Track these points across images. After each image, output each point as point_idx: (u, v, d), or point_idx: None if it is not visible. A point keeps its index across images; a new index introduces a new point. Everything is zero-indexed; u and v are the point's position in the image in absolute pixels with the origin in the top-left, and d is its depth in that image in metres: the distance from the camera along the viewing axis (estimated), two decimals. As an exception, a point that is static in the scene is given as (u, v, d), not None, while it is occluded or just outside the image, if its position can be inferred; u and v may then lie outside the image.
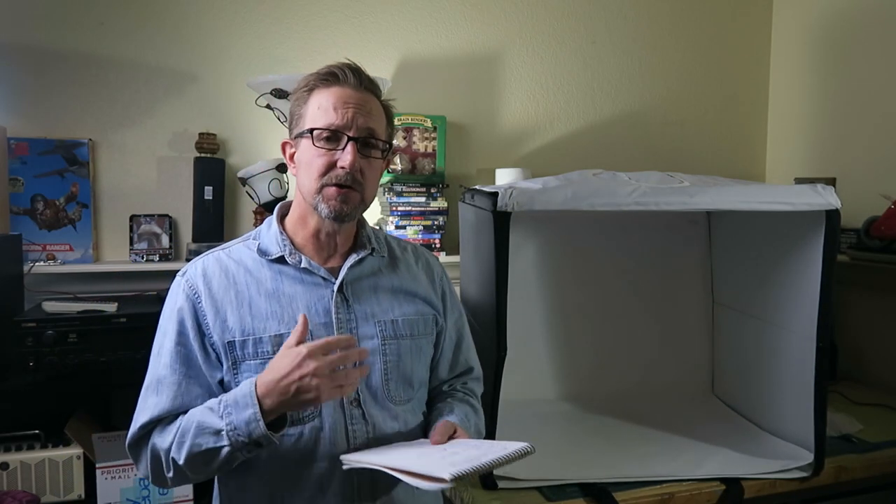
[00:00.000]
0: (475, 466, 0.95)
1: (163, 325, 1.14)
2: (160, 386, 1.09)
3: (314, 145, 1.10)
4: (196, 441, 1.02)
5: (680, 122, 2.60)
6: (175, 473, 1.06)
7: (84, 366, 1.59)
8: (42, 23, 1.90)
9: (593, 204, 1.38)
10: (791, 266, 1.55)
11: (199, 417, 1.03)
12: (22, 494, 1.49)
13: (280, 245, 1.14)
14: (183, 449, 1.02)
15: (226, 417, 1.00)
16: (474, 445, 1.07)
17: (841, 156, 2.38)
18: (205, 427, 1.02)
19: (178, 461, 1.03)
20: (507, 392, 1.41)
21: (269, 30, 2.10)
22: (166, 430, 1.06)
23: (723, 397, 1.96)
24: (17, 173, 1.85)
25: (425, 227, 2.18)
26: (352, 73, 1.12)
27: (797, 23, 2.58)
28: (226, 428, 1.00)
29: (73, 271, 1.88)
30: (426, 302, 1.22)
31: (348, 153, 1.08)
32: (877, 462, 1.61)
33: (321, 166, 1.09)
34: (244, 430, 0.99)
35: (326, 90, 1.11)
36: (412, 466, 0.95)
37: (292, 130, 1.16)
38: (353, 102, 1.10)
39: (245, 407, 0.99)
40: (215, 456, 1.01)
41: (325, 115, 1.09)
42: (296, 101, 1.14)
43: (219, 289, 1.12)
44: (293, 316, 1.10)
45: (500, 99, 2.38)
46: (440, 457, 1.01)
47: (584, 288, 2.00)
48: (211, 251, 1.18)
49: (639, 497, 1.41)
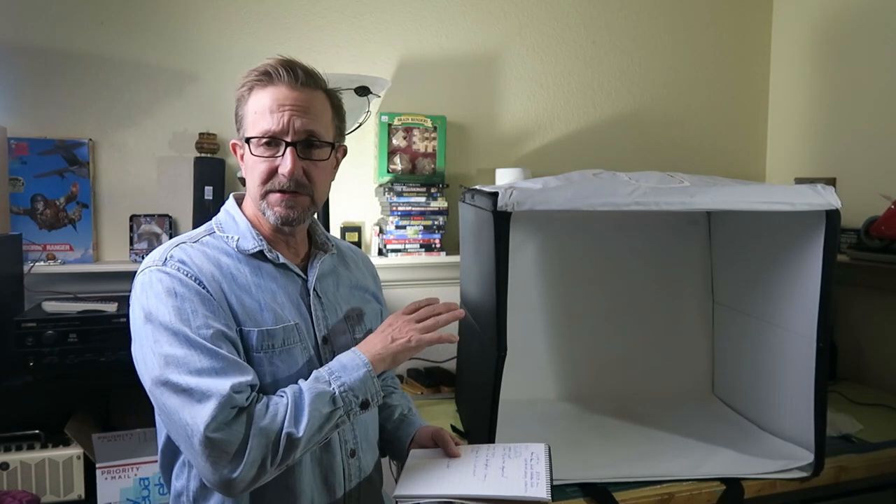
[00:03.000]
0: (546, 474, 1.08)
1: (168, 321, 0.99)
2: (212, 371, 0.96)
3: (252, 154, 1.08)
4: (314, 407, 0.99)
5: (680, 122, 2.60)
6: (283, 457, 0.97)
7: (84, 366, 1.58)
8: (42, 23, 1.90)
9: (593, 204, 1.38)
10: (791, 266, 1.55)
11: (308, 386, 1.01)
12: (22, 494, 1.49)
13: (256, 240, 1.12)
14: (301, 420, 0.98)
15: (335, 382, 1.02)
16: (489, 450, 1.18)
17: (841, 156, 2.38)
18: (319, 393, 1.00)
19: (295, 436, 0.97)
20: (507, 392, 1.41)
21: (269, 30, 2.09)
22: (268, 410, 0.98)
23: (723, 397, 1.96)
24: (17, 173, 1.85)
25: (425, 227, 2.18)
26: (286, 70, 1.07)
27: (797, 23, 2.58)
28: (338, 391, 1.01)
29: (73, 271, 1.87)
30: (374, 298, 1.30)
31: (287, 160, 1.06)
32: (877, 462, 1.61)
33: (263, 173, 1.08)
34: (360, 389, 1.03)
35: (262, 91, 1.08)
36: (495, 491, 1.05)
37: (238, 131, 1.14)
38: (289, 104, 1.07)
39: (356, 368, 1.04)
40: (328, 423, 1.01)
41: (262, 120, 1.07)
42: (238, 101, 1.12)
43: (212, 276, 1.06)
44: (281, 312, 1.10)
45: (500, 99, 2.38)
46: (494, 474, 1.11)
47: (584, 288, 2.00)
48: (174, 243, 1.10)
49: (639, 497, 1.41)
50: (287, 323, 1.09)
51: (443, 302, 1.15)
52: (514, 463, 1.12)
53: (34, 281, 1.82)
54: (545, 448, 1.17)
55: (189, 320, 0.99)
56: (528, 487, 1.04)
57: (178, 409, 0.95)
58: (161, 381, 0.97)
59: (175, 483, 1.12)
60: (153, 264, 1.06)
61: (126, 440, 1.56)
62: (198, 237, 1.13)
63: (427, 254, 2.18)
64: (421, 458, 1.18)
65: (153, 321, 1.00)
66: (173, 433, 1.01)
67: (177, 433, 0.98)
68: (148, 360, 0.99)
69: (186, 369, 0.96)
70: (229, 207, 1.17)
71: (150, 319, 1.01)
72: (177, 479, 1.12)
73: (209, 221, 1.18)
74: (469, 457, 1.17)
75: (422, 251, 2.17)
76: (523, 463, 1.12)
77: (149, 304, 1.02)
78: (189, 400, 0.95)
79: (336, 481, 1.13)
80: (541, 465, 1.10)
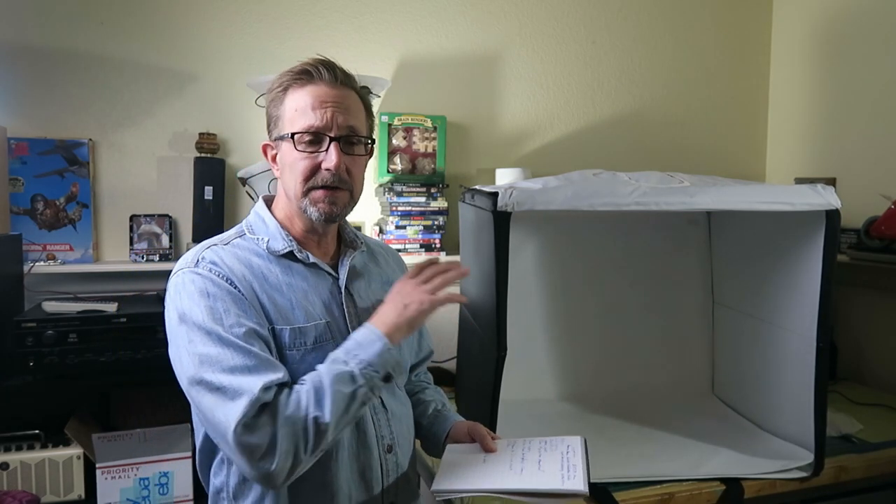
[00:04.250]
0: (583, 466, 1.08)
1: (202, 321, 1.00)
2: (245, 369, 0.97)
3: (296, 149, 1.08)
4: (336, 388, 0.98)
5: (680, 122, 2.60)
6: (315, 443, 0.97)
7: (84, 366, 1.59)
8: (42, 23, 1.90)
9: (593, 204, 1.38)
10: (791, 266, 1.55)
11: (326, 369, 1.01)
12: (22, 494, 1.49)
13: (286, 241, 1.13)
14: (325, 403, 0.97)
15: (353, 360, 1.01)
16: (524, 444, 1.18)
17: (841, 156, 2.38)
18: (338, 374, 0.99)
19: (322, 420, 0.97)
20: (507, 392, 1.41)
21: (269, 30, 2.10)
22: (290, 399, 0.98)
23: (723, 397, 1.96)
24: (17, 173, 1.85)
25: (425, 227, 2.18)
26: (326, 69, 1.09)
27: (797, 23, 2.58)
28: (356, 369, 1.00)
29: (73, 271, 1.87)
30: None
31: (332, 155, 1.07)
32: (877, 462, 1.61)
33: (305, 169, 1.08)
34: (378, 362, 1.01)
35: (301, 89, 1.09)
36: (533, 485, 1.05)
37: (271, 132, 1.14)
38: (331, 101, 1.08)
39: (371, 343, 1.02)
40: (352, 402, 0.99)
41: (304, 117, 1.08)
42: (272, 102, 1.12)
43: (243, 276, 1.07)
44: (313, 310, 1.11)
45: (500, 99, 2.38)
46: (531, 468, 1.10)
47: (584, 288, 2.00)
48: (206, 245, 1.12)
49: (639, 497, 1.41)
50: (318, 321, 1.10)
51: (444, 263, 1.14)
52: (550, 456, 1.12)
53: (34, 281, 1.82)
54: (581, 441, 1.17)
55: (222, 319, 1.01)
56: (564, 480, 1.04)
57: (213, 408, 0.96)
58: (196, 380, 0.98)
59: (214, 480, 1.13)
60: (186, 266, 1.08)
61: (126, 440, 1.56)
62: (229, 239, 1.14)
63: (427, 254, 2.18)
64: (457, 452, 1.18)
65: (187, 322, 1.02)
66: (211, 431, 1.02)
67: (214, 431, 0.99)
68: (183, 359, 1.01)
69: (220, 367, 0.97)
70: (259, 209, 1.19)
71: (183, 320, 1.02)
72: (215, 476, 1.13)
73: (239, 224, 1.19)
74: (505, 451, 1.17)
75: (422, 251, 2.17)
76: (560, 456, 1.12)
77: (182, 305, 1.03)
78: (223, 398, 0.96)
79: (373, 477, 1.13)
80: (577, 458, 1.10)
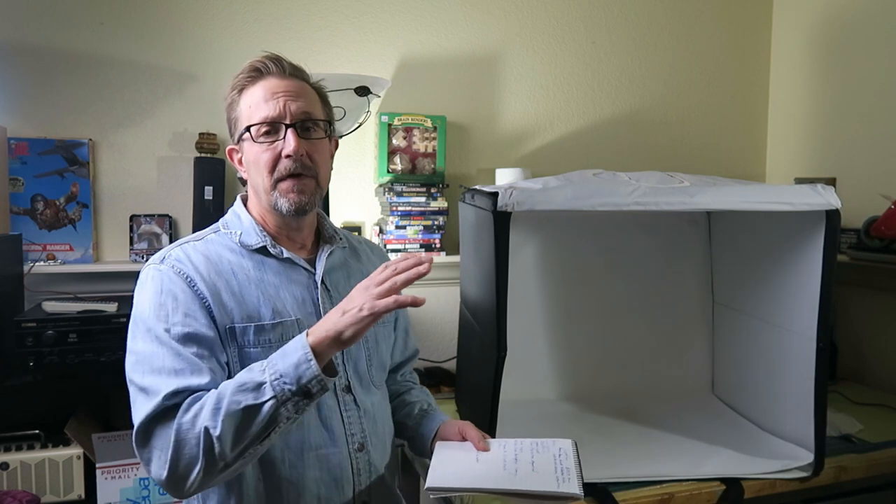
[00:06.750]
0: (576, 470, 1.08)
1: (147, 318, 1.02)
2: (170, 372, 0.97)
3: (255, 142, 1.10)
4: (234, 398, 0.91)
5: (680, 122, 2.60)
6: (206, 456, 0.90)
7: (84, 366, 1.59)
8: (42, 23, 1.90)
9: (593, 204, 1.38)
10: (791, 266, 1.55)
11: (237, 378, 0.94)
12: (22, 494, 1.49)
13: (259, 235, 1.14)
14: (219, 415, 0.90)
15: (269, 369, 0.93)
16: (516, 445, 1.18)
17: (841, 156, 2.38)
18: (244, 384, 0.92)
19: (212, 431, 0.90)
20: (507, 392, 1.41)
21: (269, 30, 2.09)
22: (192, 406, 0.94)
23: (723, 397, 1.96)
24: (17, 173, 1.85)
25: (425, 227, 2.18)
26: (273, 63, 1.12)
27: (797, 23, 2.58)
28: (269, 379, 0.91)
29: (73, 271, 1.87)
30: None
31: (290, 140, 1.09)
32: (877, 462, 1.61)
33: (268, 161, 1.10)
34: (292, 375, 0.91)
35: (253, 86, 1.12)
36: (528, 486, 1.05)
37: (234, 135, 1.16)
38: (282, 91, 1.11)
39: (294, 352, 0.93)
40: (254, 416, 0.90)
41: (258, 110, 1.10)
42: (230, 106, 1.15)
43: (208, 274, 1.08)
44: (284, 306, 1.11)
45: (500, 99, 2.38)
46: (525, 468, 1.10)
47: (584, 288, 2.00)
48: (179, 243, 1.14)
49: (639, 497, 1.41)
50: (286, 318, 1.10)
51: (415, 260, 0.97)
52: (543, 458, 1.12)
53: (34, 281, 1.82)
54: (572, 444, 1.17)
55: (167, 317, 1.02)
56: (559, 483, 1.04)
57: (133, 407, 0.99)
58: (128, 377, 1.02)
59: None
60: (152, 262, 1.11)
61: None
62: (203, 236, 1.16)
63: (427, 254, 2.18)
64: (448, 450, 1.18)
65: (137, 316, 1.05)
66: None
67: None
68: (127, 354, 1.04)
69: (148, 367, 0.98)
70: (235, 207, 1.21)
71: (136, 314, 1.05)
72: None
73: (216, 222, 1.21)
74: (497, 451, 1.16)
75: (422, 251, 2.17)
76: (552, 458, 1.12)
77: (138, 300, 1.07)
78: (141, 398, 0.97)
79: (344, 476, 1.12)
80: (570, 461, 1.10)
